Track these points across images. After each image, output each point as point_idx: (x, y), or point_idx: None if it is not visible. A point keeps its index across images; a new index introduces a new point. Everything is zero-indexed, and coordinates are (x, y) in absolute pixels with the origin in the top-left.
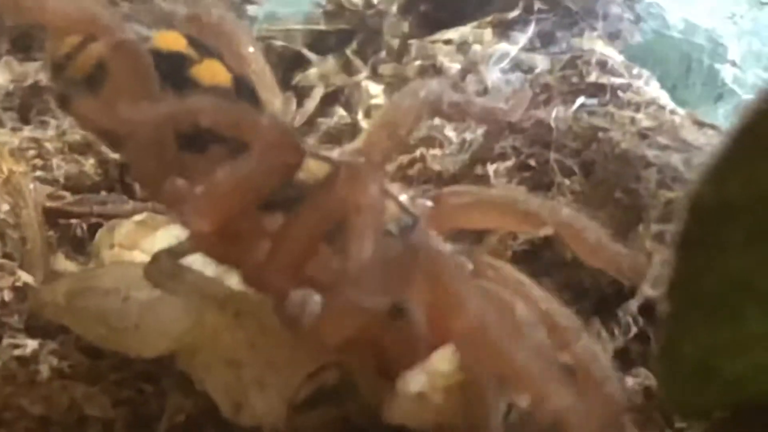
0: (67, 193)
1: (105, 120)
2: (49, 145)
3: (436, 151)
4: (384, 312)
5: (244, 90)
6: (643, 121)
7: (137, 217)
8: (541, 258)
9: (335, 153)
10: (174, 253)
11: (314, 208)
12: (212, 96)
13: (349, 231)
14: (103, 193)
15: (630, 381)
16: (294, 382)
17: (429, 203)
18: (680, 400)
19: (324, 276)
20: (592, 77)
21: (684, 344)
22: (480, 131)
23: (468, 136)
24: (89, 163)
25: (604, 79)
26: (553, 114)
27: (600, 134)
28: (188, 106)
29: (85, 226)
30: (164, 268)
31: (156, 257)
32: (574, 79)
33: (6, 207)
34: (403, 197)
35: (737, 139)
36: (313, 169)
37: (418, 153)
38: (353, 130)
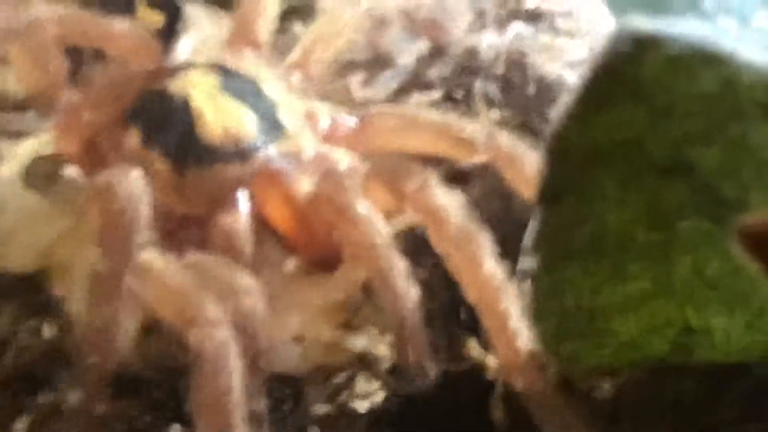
0: None
1: None
2: None
3: (361, 76)
4: None
5: None
6: (575, 49)
7: (43, 134)
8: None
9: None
10: (54, 159)
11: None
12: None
13: None
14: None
15: None
16: None
17: (353, 121)
18: (573, 359)
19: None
20: (530, 2)
21: (564, 301)
22: (413, 58)
23: (403, 60)
24: (10, 79)
25: (543, 5)
26: (483, 42)
27: (525, 59)
28: (30, 19)
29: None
30: (41, 170)
31: (36, 160)
32: (511, 5)
33: None
34: (326, 114)
35: (600, 80)
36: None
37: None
38: None
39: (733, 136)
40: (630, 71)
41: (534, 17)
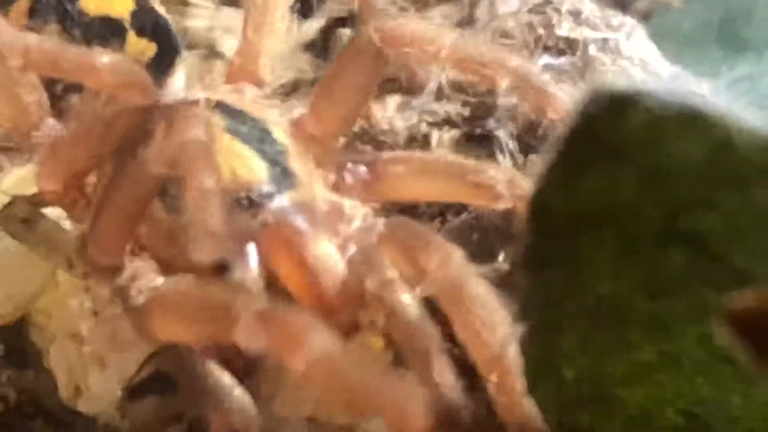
0: None
1: None
2: None
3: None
4: (206, 268)
5: (144, 22)
6: None
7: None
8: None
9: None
10: (34, 199)
11: (132, 165)
12: (32, 36)
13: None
14: None
15: None
16: (133, 362)
17: (363, 169)
18: (581, 430)
19: (162, 247)
20: (563, 29)
21: (563, 372)
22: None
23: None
24: None
25: (576, 33)
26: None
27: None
28: None
29: None
30: (18, 213)
31: (12, 201)
32: (540, 30)
33: None
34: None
35: (578, 141)
36: None
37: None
38: None
39: (733, 201)
40: (609, 132)
41: (566, 47)
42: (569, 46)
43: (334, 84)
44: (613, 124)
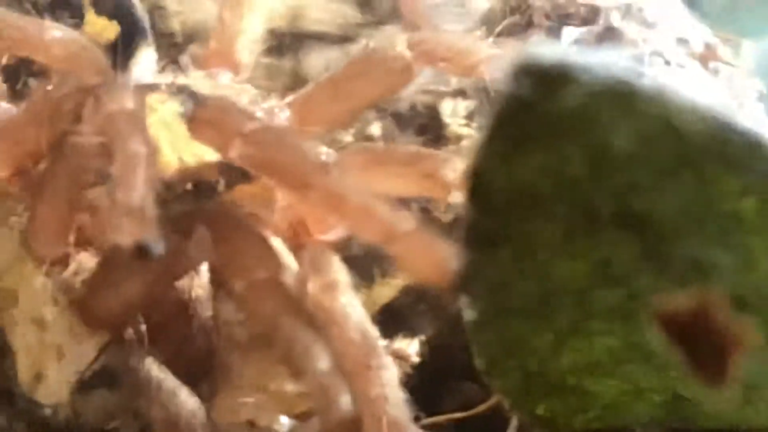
0: None
1: None
2: None
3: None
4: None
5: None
6: None
7: None
8: None
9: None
10: None
11: (64, 143)
12: None
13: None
14: None
15: None
16: (88, 354)
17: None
18: (552, 420)
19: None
20: None
21: (525, 360)
22: None
23: None
24: None
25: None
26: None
27: None
28: None
29: None
30: None
31: None
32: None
33: None
34: None
35: (512, 113)
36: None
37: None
38: None
39: (686, 184)
40: (545, 107)
41: (590, 14)
42: (594, 15)
43: (336, 88)
44: (548, 100)
